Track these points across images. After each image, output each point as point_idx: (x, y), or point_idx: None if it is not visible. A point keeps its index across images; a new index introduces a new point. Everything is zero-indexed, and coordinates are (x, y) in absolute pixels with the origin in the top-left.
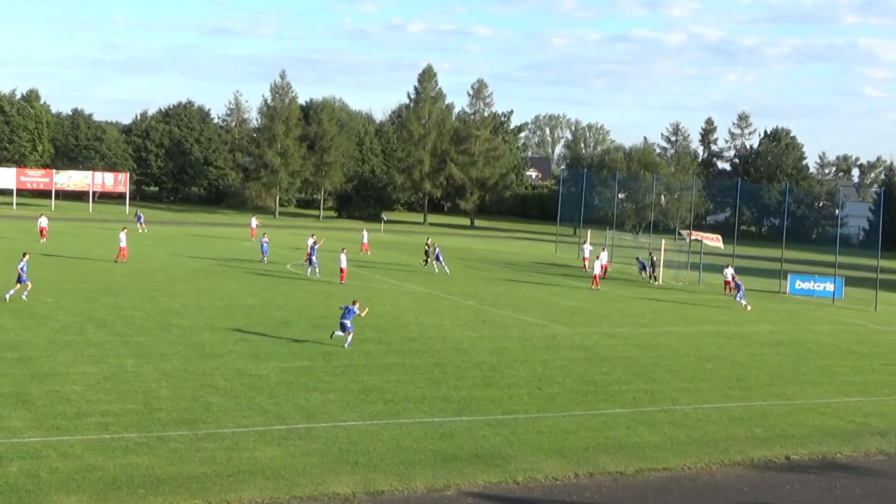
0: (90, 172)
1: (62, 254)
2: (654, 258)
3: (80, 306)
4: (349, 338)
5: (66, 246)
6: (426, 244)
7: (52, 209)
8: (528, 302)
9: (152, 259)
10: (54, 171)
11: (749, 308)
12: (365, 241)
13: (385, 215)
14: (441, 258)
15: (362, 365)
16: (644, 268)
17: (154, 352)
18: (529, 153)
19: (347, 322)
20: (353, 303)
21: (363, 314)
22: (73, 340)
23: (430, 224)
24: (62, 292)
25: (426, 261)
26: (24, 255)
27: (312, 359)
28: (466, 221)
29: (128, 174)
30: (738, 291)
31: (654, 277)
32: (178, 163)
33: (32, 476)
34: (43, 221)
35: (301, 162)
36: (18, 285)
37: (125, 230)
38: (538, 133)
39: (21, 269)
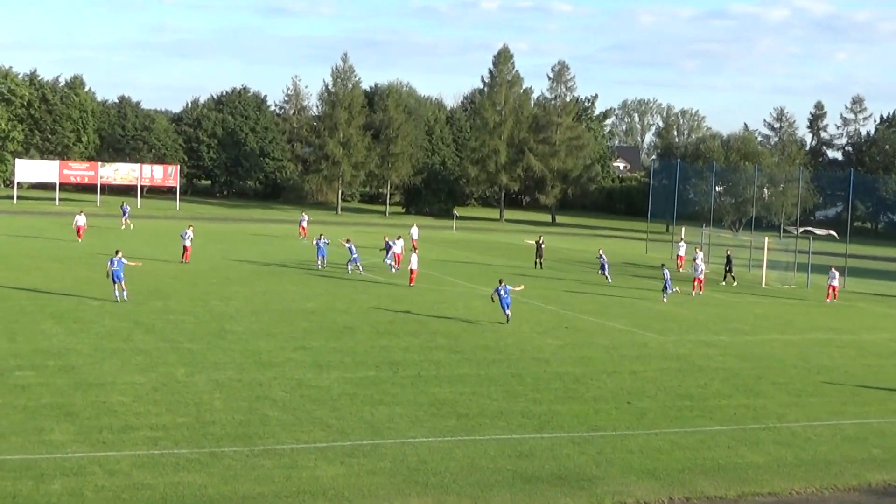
0: (138, 165)
1: (107, 252)
2: (731, 256)
3: (127, 310)
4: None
5: (111, 244)
6: (537, 243)
7: (98, 204)
8: (616, 306)
9: (204, 259)
10: (100, 163)
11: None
12: (415, 237)
13: (457, 211)
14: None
15: (433, 375)
16: (730, 267)
17: (206, 360)
18: (616, 142)
19: (509, 299)
20: (500, 282)
21: (518, 289)
22: (120, 347)
23: (507, 221)
24: (108, 295)
25: (539, 262)
26: (116, 252)
27: (378, 368)
28: (547, 217)
29: (178, 166)
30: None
31: (733, 278)
32: (232, 154)
33: (76, 495)
34: (80, 220)
35: (365, 153)
36: (116, 284)
37: (192, 227)
38: (626, 120)
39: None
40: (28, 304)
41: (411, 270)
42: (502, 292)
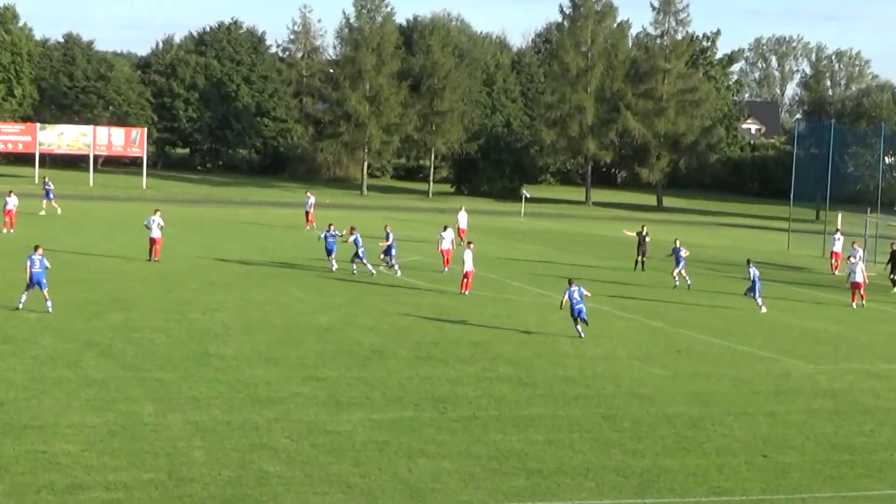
0: (90, 128)
1: (51, 247)
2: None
3: (77, 326)
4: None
5: (57, 236)
6: (639, 235)
7: (36, 180)
8: (746, 323)
9: (180, 256)
10: (38, 125)
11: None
12: (463, 225)
13: (527, 191)
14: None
15: (493, 417)
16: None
17: (183, 395)
18: (746, 96)
19: (584, 307)
20: (570, 282)
21: (587, 295)
22: (66, 377)
23: (596, 204)
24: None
25: (640, 261)
26: (35, 248)
27: (418, 407)
28: (650, 199)
29: (144, 130)
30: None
31: (893, 282)
32: (219, 113)
33: None
34: (10, 202)
35: (400, 111)
36: (29, 290)
37: (158, 213)
38: (760, 66)
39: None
40: None
41: (465, 274)
42: (576, 295)
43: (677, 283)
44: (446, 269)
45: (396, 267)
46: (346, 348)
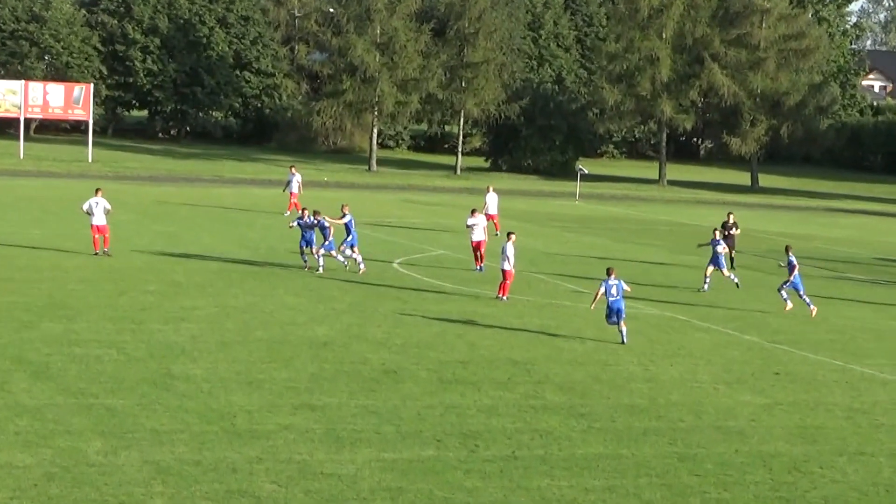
0: (19, 83)
1: None
2: None
3: (3, 338)
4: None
5: None
6: (725, 227)
7: None
8: (867, 337)
9: (137, 250)
10: None
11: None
12: (492, 210)
13: (583, 166)
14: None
15: (537, 457)
16: None
17: (140, 427)
18: (868, 44)
19: (623, 304)
20: (609, 272)
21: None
22: None
23: (671, 183)
24: None
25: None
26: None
27: (442, 444)
28: (743, 178)
29: (90, 87)
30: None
31: None
32: (186, 64)
33: None
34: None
35: (420, 62)
36: None
37: (100, 192)
38: (887, 4)
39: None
40: None
41: (504, 273)
42: (614, 291)
43: (709, 281)
44: (479, 267)
45: (360, 260)
46: (350, 368)
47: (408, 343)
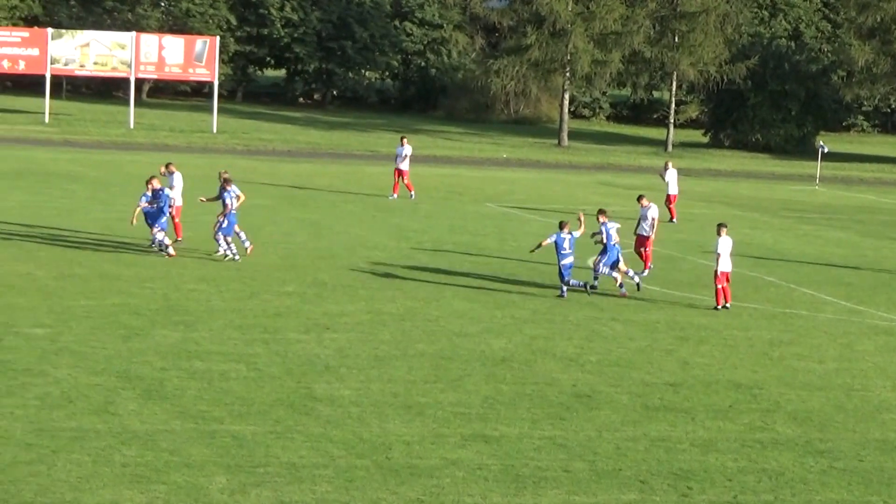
0: (130, 35)
1: (49, 224)
2: None
3: (108, 349)
4: None
5: (62, 206)
6: None
7: (46, 120)
8: None
9: (270, 242)
10: (50, 31)
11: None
12: (673, 190)
13: (825, 141)
14: None
15: (766, 503)
16: None
17: (274, 460)
18: None
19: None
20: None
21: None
22: (90, 429)
23: None
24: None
25: None
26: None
27: (646, 486)
28: None
29: (216, 40)
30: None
31: None
32: (332, 13)
33: None
34: None
35: (622, 12)
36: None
37: (170, 165)
38: None
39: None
40: None
41: (717, 276)
42: (566, 245)
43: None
44: (643, 271)
45: (230, 251)
46: (533, 391)
47: (604, 360)
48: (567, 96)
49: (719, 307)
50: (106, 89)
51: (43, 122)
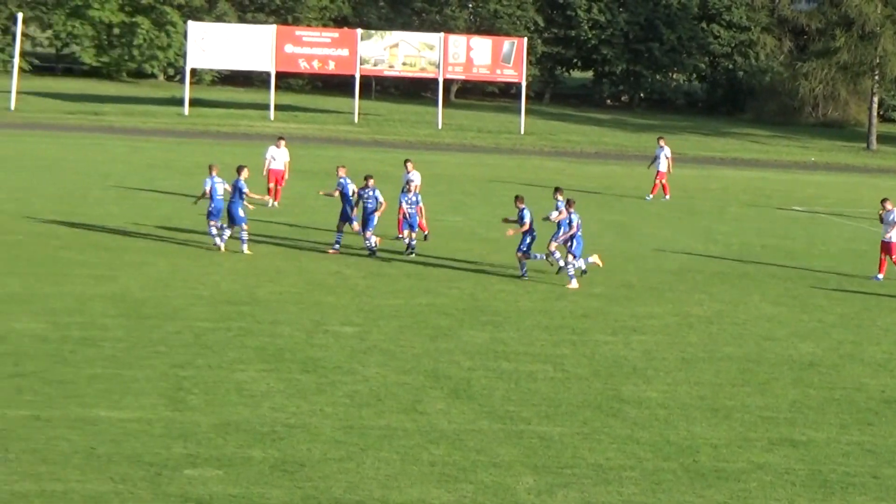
0: (437, 36)
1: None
2: None
3: (416, 348)
4: None
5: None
6: None
7: (355, 120)
8: None
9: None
10: (359, 32)
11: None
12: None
13: None
14: None
15: None
16: None
17: (581, 461)
18: None
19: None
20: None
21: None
22: (399, 427)
23: None
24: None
25: None
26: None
27: None
28: None
29: (524, 41)
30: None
31: None
32: (639, 15)
33: None
34: (275, 155)
35: None
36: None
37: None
38: None
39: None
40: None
41: None
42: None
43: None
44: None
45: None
46: (841, 396)
47: None
48: (876, 99)
49: None
50: (414, 90)
51: (352, 122)
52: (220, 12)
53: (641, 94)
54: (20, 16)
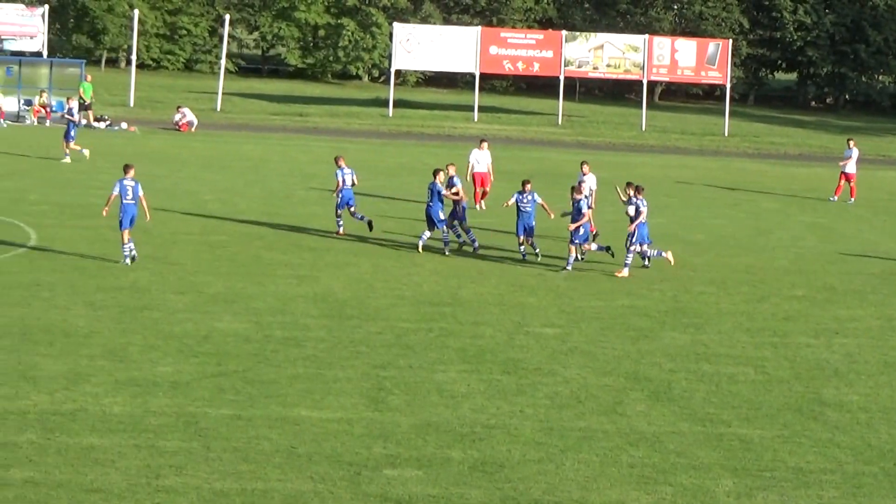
0: (642, 38)
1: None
2: None
3: (617, 350)
4: None
5: None
6: None
7: (559, 121)
8: None
9: (779, 245)
10: (564, 34)
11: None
12: None
13: None
14: None
15: None
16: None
17: (780, 464)
18: None
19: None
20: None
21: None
22: (598, 428)
23: None
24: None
25: None
26: None
27: None
28: None
29: (728, 43)
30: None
31: None
32: (846, 17)
33: None
34: (479, 157)
35: None
36: None
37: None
38: None
39: None
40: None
41: None
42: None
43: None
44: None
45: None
46: None
47: None
48: None
49: None
50: (618, 91)
51: (556, 123)
52: (425, 14)
53: (846, 96)
54: (227, 17)
